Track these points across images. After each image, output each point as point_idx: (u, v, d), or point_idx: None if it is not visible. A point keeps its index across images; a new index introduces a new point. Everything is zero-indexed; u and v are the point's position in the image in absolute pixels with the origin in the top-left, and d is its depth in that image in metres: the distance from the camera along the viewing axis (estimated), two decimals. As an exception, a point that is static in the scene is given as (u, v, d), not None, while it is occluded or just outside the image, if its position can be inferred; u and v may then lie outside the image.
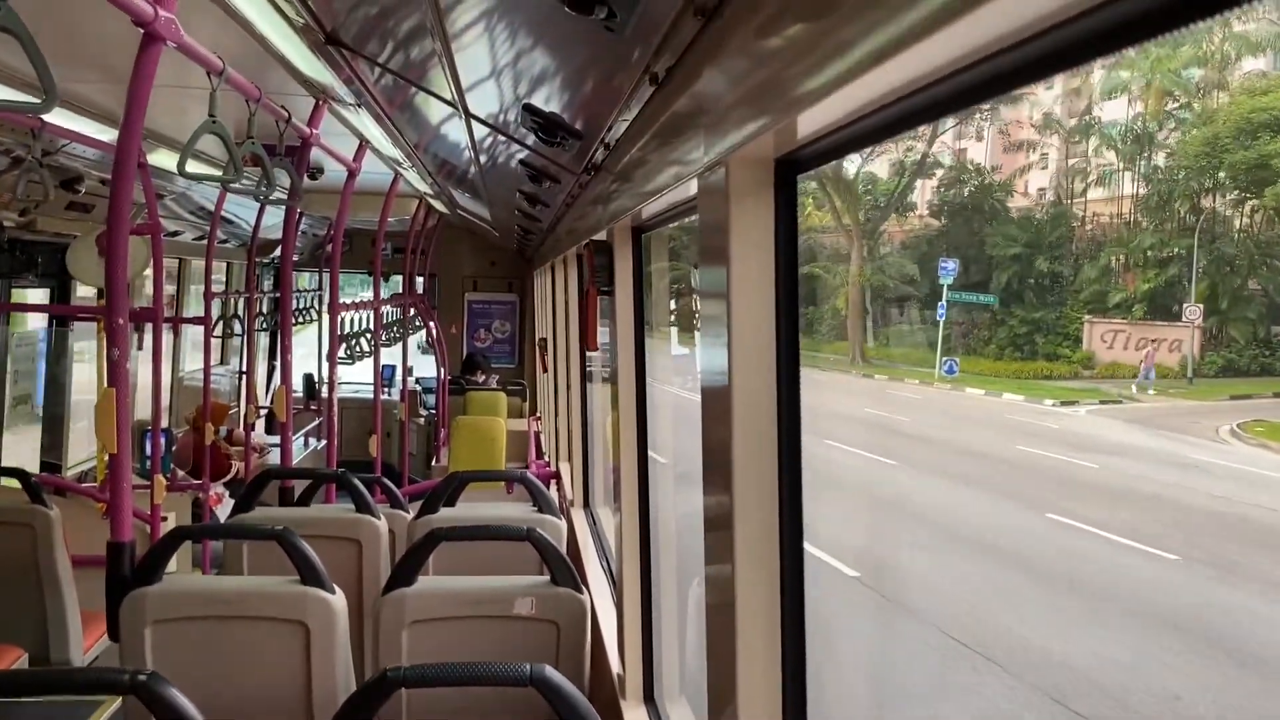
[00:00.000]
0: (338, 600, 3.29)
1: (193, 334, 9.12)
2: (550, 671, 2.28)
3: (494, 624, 3.39)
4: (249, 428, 7.51)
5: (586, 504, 6.92)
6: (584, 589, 3.51)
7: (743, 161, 1.55)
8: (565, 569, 3.44)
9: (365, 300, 9.12)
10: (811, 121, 1.30)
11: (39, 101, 2.31)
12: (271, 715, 3.27)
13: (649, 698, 3.76)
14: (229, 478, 7.90)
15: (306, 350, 10.99)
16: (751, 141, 1.42)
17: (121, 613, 3.20)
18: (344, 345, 9.11)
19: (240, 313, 9.20)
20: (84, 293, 7.18)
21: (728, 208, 1.58)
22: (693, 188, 2.04)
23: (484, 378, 11.49)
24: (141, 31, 2.80)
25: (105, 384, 3.06)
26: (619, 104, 1.97)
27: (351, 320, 9.71)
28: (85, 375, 7.45)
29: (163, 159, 5.43)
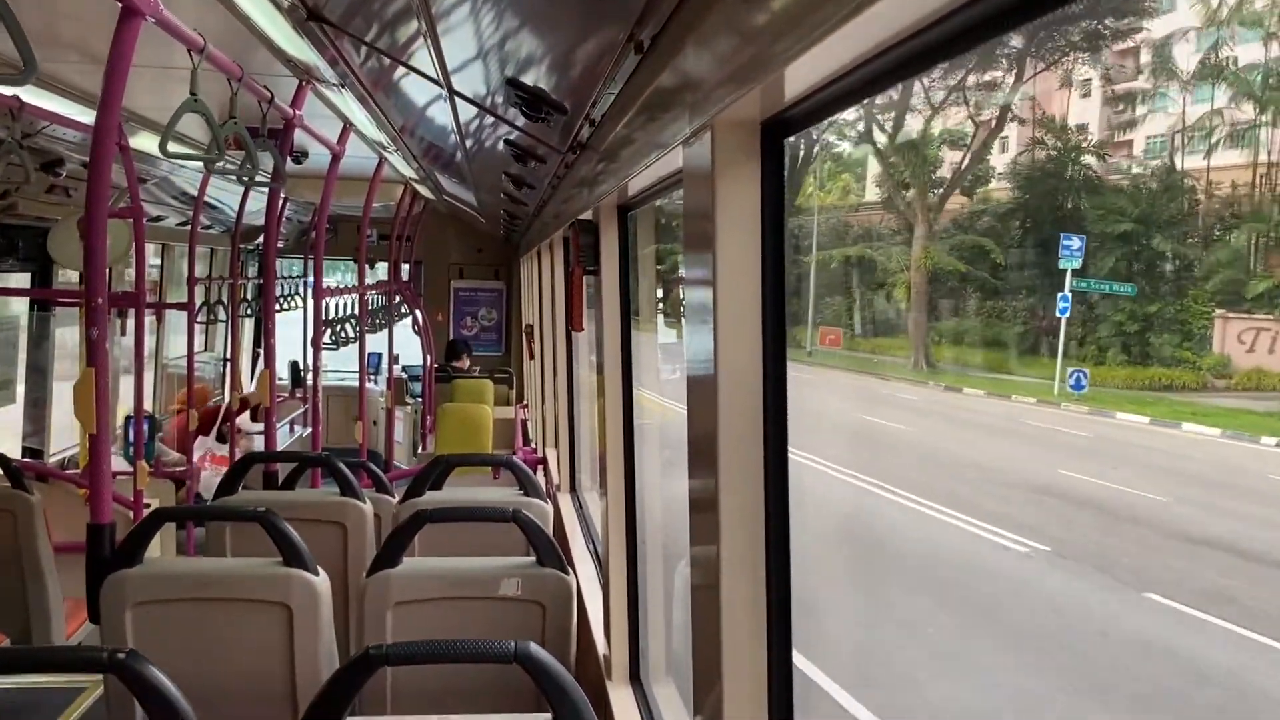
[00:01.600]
0: (321, 582, 3.27)
1: (176, 320, 9.05)
2: (535, 648, 2.27)
3: (479, 605, 3.38)
4: (234, 414, 7.46)
5: (573, 488, 6.92)
6: (570, 570, 3.49)
7: (728, 125, 1.53)
8: (551, 550, 3.43)
9: (350, 286, 9.07)
10: (799, 79, 1.28)
11: (16, 74, 2.27)
12: (254, 697, 3.25)
13: (635, 678, 3.75)
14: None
15: (291, 337, 10.94)
16: (737, 103, 1.40)
17: (102, 595, 3.17)
18: (329, 331, 9.07)
19: (224, 298, 9.15)
20: (68, 278, 7.13)
21: (713, 173, 1.56)
22: (677, 161, 2.02)
23: (467, 363, 11.47)
24: (120, 6, 2.77)
25: (85, 364, 3.03)
26: (604, 75, 1.94)
27: (336, 306, 9.67)
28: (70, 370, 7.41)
29: (145, 142, 5.38)
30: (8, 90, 4.05)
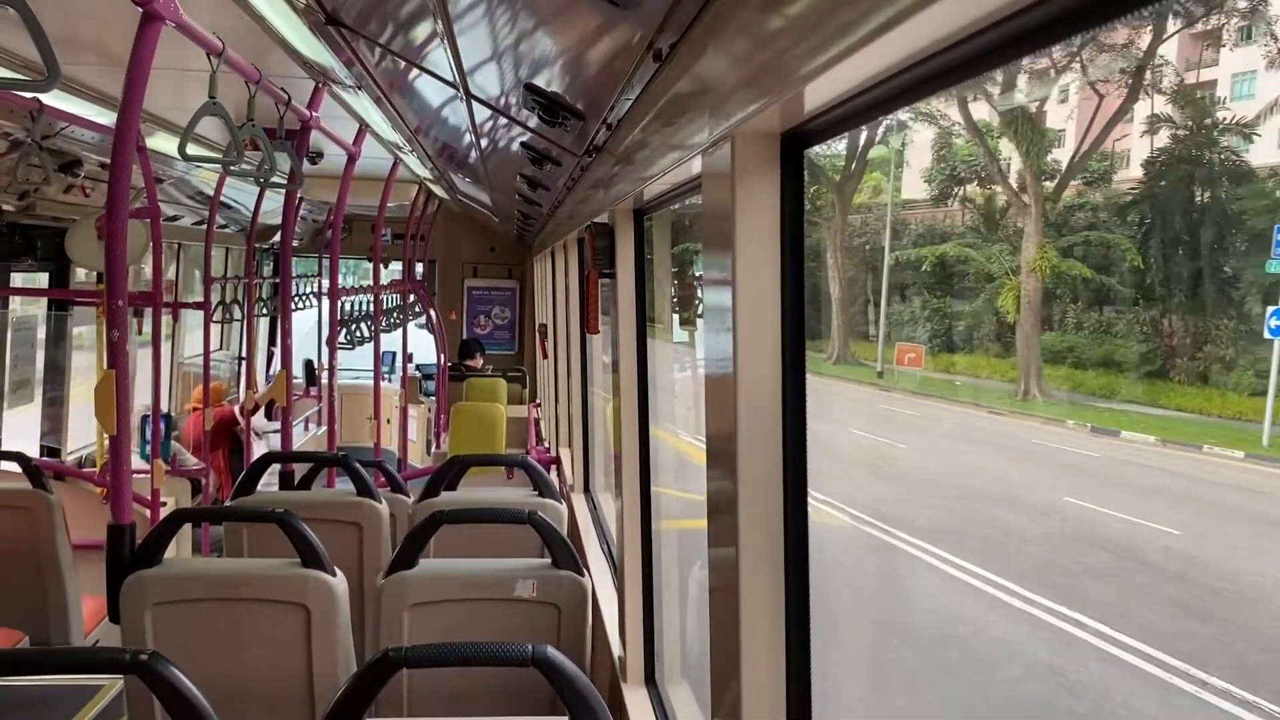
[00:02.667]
0: (338, 583, 3.29)
1: (192, 319, 9.11)
2: (553, 652, 2.28)
3: (495, 606, 3.39)
4: (249, 412, 7.51)
5: (587, 489, 6.92)
6: (585, 572, 3.51)
7: (748, 136, 1.53)
8: (566, 552, 3.44)
9: (365, 286, 9.10)
10: (819, 94, 1.28)
11: (40, 80, 2.29)
12: (272, 697, 3.28)
13: (650, 680, 3.76)
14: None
15: (305, 335, 10.98)
16: (757, 115, 1.40)
17: (122, 595, 3.20)
18: (344, 330, 9.11)
19: (240, 298, 9.19)
20: (80, 277, 7.17)
21: (733, 184, 1.57)
22: (695, 167, 2.03)
23: (480, 362, 11.51)
24: (140, 11, 2.79)
25: (105, 366, 3.06)
26: (622, 82, 1.95)
27: (351, 306, 9.71)
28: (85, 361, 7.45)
29: (161, 143, 5.42)
30: (29, 93, 4.08)
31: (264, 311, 11.11)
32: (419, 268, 11.14)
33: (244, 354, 10.58)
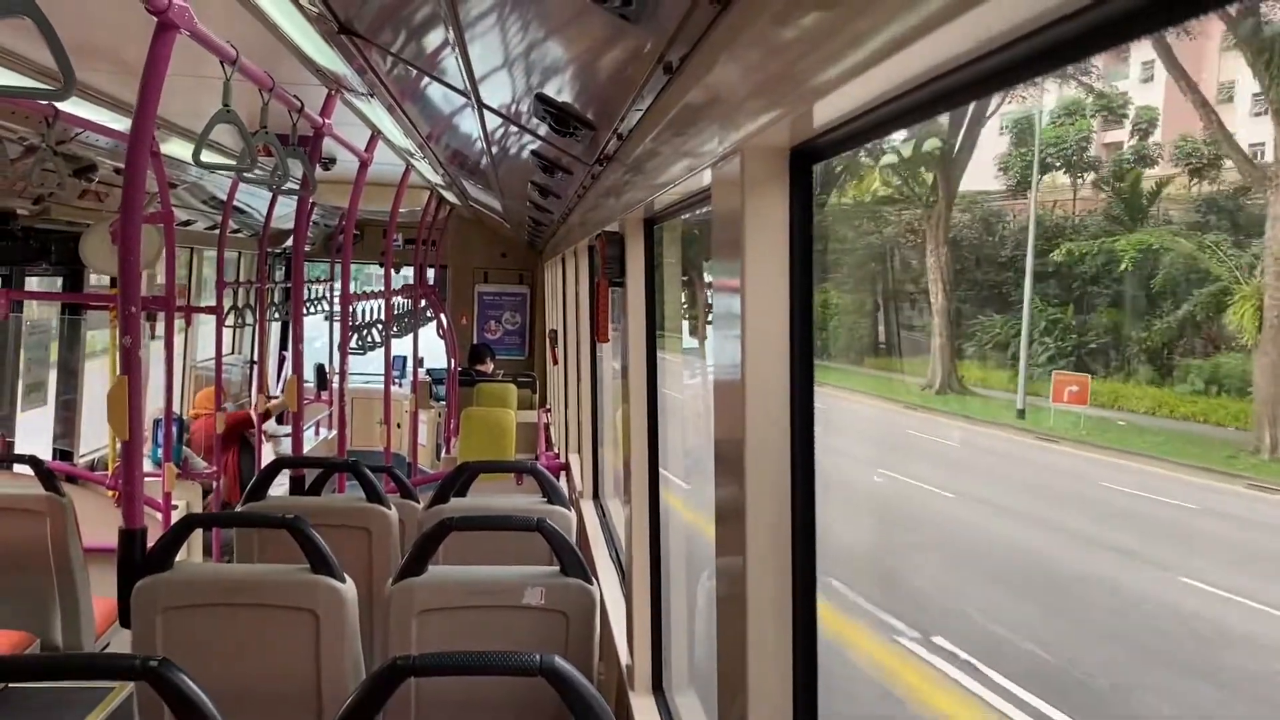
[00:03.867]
0: (348, 589, 3.30)
1: (201, 322, 9.14)
2: (560, 662, 2.28)
3: (503, 614, 3.40)
4: (262, 417, 7.54)
5: (596, 495, 6.93)
6: (593, 580, 3.51)
7: (757, 150, 1.54)
8: (575, 560, 3.45)
9: (376, 291, 9.13)
10: (828, 110, 1.29)
11: (57, 88, 2.31)
12: (281, 703, 3.29)
13: (657, 688, 3.76)
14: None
15: (317, 340, 11.00)
16: (766, 130, 1.41)
17: (133, 599, 3.21)
18: (355, 335, 9.15)
19: (252, 302, 9.22)
20: (98, 281, 7.20)
21: (742, 197, 1.58)
22: (705, 178, 2.04)
23: (491, 367, 11.54)
24: (155, 19, 2.81)
25: (118, 371, 3.07)
26: (632, 94, 1.96)
27: (362, 311, 9.74)
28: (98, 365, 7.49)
29: (175, 148, 5.44)
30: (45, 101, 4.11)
31: (276, 316, 11.15)
32: (430, 273, 11.17)
33: (256, 358, 10.61)
